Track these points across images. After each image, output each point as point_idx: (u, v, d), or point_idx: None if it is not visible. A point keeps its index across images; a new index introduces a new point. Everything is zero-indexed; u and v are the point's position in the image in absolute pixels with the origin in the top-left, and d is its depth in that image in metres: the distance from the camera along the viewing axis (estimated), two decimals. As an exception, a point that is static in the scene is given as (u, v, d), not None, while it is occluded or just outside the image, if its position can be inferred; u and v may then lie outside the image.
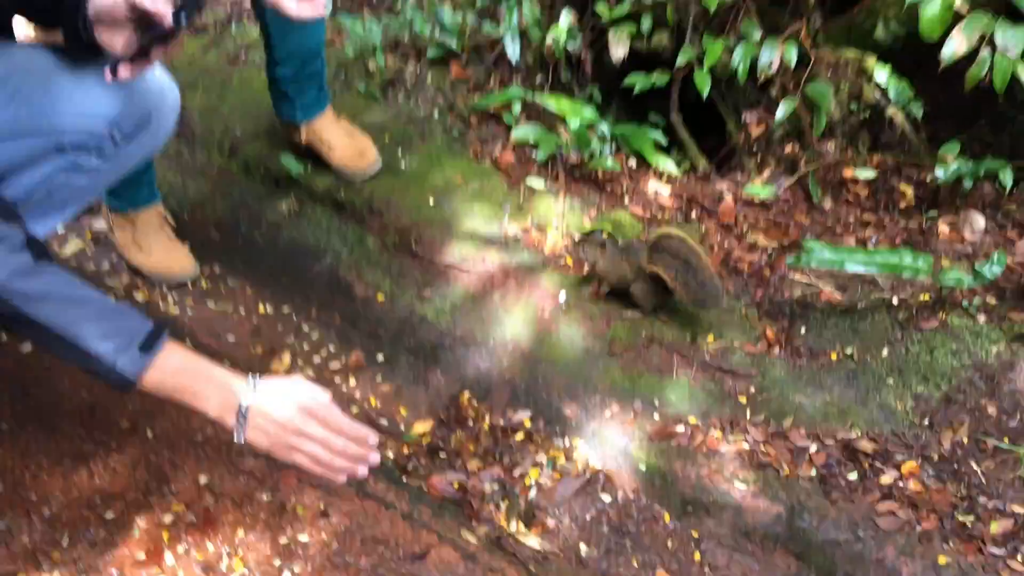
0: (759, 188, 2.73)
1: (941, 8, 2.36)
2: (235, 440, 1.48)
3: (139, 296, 2.55)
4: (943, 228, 2.67)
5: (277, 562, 1.74)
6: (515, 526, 1.92)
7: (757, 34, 2.79)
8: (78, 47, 1.68)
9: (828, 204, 2.83)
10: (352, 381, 2.33)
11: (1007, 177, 2.70)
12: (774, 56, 2.70)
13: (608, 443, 2.08)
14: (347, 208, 2.62)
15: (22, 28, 1.81)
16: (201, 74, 3.17)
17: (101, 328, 1.41)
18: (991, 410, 2.06)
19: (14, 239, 1.42)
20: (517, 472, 2.04)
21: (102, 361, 1.40)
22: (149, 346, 1.44)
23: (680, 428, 2.08)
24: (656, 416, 2.11)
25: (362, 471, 1.52)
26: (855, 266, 2.13)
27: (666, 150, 3.04)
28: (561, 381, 2.20)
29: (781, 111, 2.68)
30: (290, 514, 1.84)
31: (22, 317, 1.39)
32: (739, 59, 2.72)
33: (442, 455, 2.10)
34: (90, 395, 2.08)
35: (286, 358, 2.38)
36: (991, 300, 2.30)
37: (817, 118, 2.69)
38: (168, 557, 1.73)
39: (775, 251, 2.53)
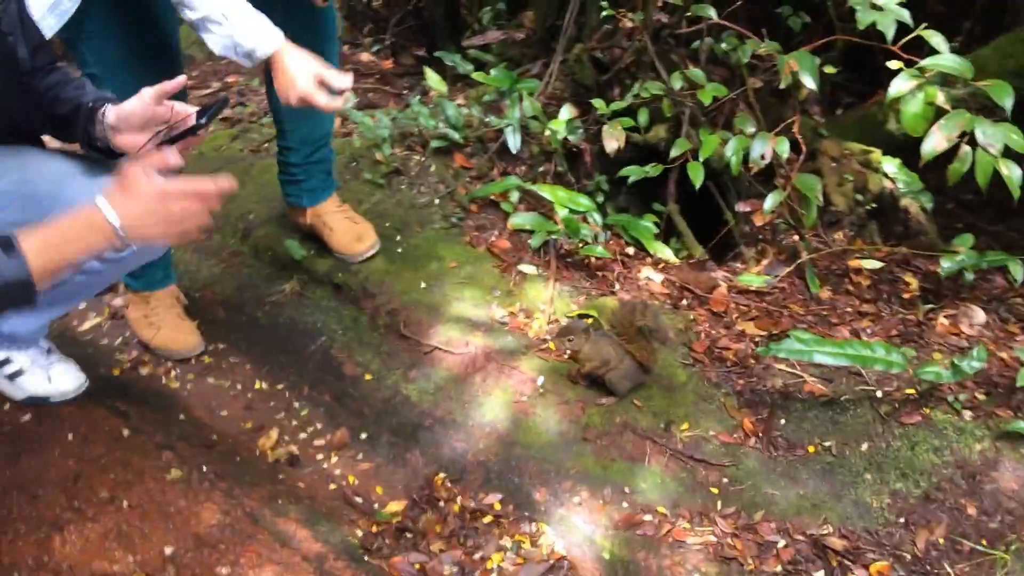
0: (752, 277, 2.73)
1: (923, 105, 2.38)
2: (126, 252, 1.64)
3: (144, 370, 2.66)
4: (942, 321, 2.64)
5: (226, 636, 1.76)
6: (470, 610, 1.91)
7: (751, 127, 2.84)
8: (94, 153, 1.84)
9: (826, 294, 2.82)
10: (334, 458, 2.37)
11: (1017, 270, 2.67)
12: (765, 149, 2.73)
13: (575, 530, 2.07)
14: (344, 290, 2.71)
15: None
16: (226, 162, 3.34)
17: None
18: (971, 510, 2.00)
19: None
20: (479, 555, 2.03)
21: None
22: (9, 246, 1.51)
23: (648, 517, 2.06)
24: (625, 504, 2.10)
25: None
26: (823, 357, 2.11)
27: (665, 238, 3.09)
28: (534, 465, 2.21)
29: (769, 201, 2.70)
30: (246, 588, 1.87)
31: None
32: (732, 151, 2.76)
33: (409, 535, 2.11)
34: (77, 464, 2.17)
35: (273, 434, 2.44)
36: (979, 396, 2.25)
37: (807, 209, 2.70)
38: (121, 627, 1.77)
39: (763, 340, 2.52)
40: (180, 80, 1.74)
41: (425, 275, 2.68)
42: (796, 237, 3.11)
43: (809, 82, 2.69)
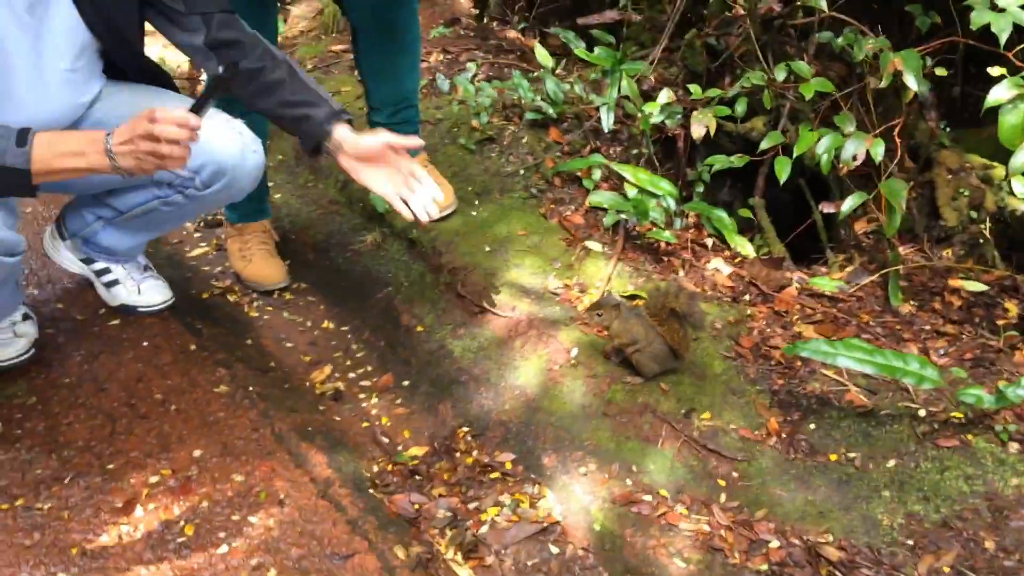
0: (825, 280, 2.63)
1: (1022, 117, 2.21)
2: (119, 173, 1.85)
3: (231, 297, 2.90)
4: (1026, 351, 2.44)
5: (222, 534, 1.92)
6: (452, 554, 1.99)
7: (851, 126, 2.72)
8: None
9: (907, 309, 2.67)
10: (374, 399, 2.50)
11: None
12: (859, 149, 2.61)
13: (573, 498, 2.10)
14: (417, 246, 2.83)
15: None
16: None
17: None
18: (988, 544, 1.87)
19: None
20: (474, 506, 2.10)
21: None
22: (23, 140, 1.77)
23: (647, 497, 2.06)
24: (628, 481, 2.10)
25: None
26: (848, 362, 2.02)
27: (752, 232, 3.02)
28: (551, 432, 2.24)
29: (849, 203, 2.59)
30: (252, 497, 2.02)
31: None
32: (823, 149, 2.66)
33: (418, 477, 2.21)
34: (144, 367, 2.41)
35: (327, 369, 2.61)
36: (1036, 430, 2.08)
37: (890, 216, 2.56)
38: (139, 510, 1.97)
39: (818, 345, 2.42)
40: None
41: (492, 239, 2.75)
42: (900, 249, 2.94)
43: (912, 82, 2.56)
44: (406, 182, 2.17)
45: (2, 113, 1.86)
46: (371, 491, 2.14)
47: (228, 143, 2.13)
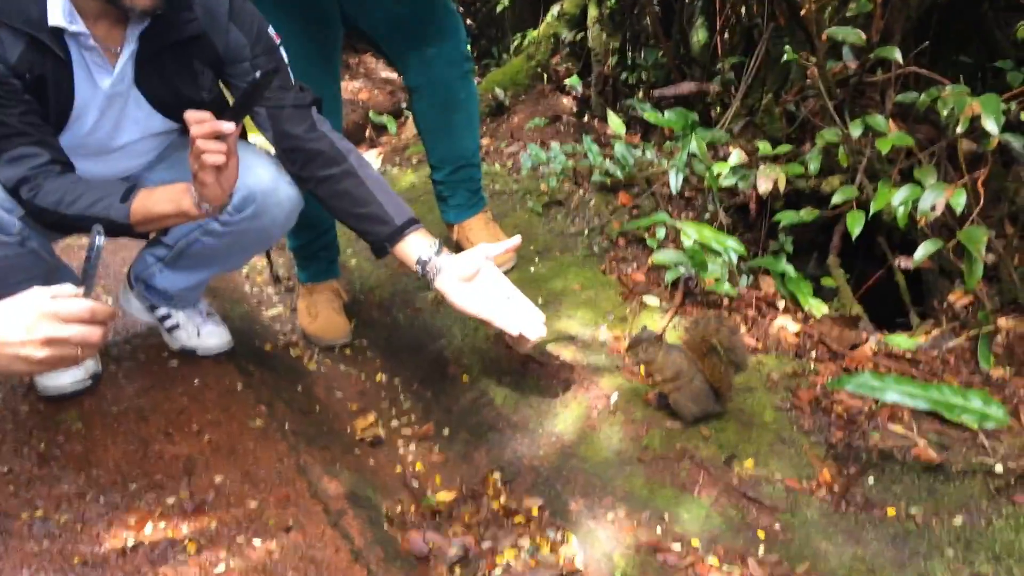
0: (903, 339, 2.41)
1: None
2: (207, 209, 1.99)
3: (293, 352, 2.93)
4: None
5: (223, 554, 1.87)
6: (459, 594, 1.85)
7: (932, 179, 2.54)
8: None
9: (999, 373, 2.40)
10: (412, 446, 2.44)
11: None
12: (938, 200, 2.43)
13: (597, 544, 1.94)
14: (473, 300, 2.80)
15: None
16: (425, 192, 3.62)
17: (99, 200, 1.99)
18: (1072, 612, 1.58)
19: (40, 160, 2.00)
20: (488, 546, 1.97)
21: (103, 217, 1.97)
22: (127, 196, 2.00)
23: (676, 547, 1.87)
24: (658, 529, 1.92)
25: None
26: (897, 396, 1.80)
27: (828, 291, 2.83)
28: (582, 478, 2.10)
29: (921, 251, 2.39)
30: (261, 522, 1.97)
31: (63, 217, 2.00)
32: (900, 201, 2.49)
33: (437, 518, 2.10)
34: (189, 402, 2.43)
35: (371, 417, 2.57)
36: None
37: (970, 267, 2.34)
38: (149, 527, 1.95)
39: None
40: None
41: (546, 292, 2.69)
42: (1004, 319, 2.68)
43: (992, 127, 2.38)
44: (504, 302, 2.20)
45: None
46: (386, 527, 2.05)
47: (261, 171, 2.19)
